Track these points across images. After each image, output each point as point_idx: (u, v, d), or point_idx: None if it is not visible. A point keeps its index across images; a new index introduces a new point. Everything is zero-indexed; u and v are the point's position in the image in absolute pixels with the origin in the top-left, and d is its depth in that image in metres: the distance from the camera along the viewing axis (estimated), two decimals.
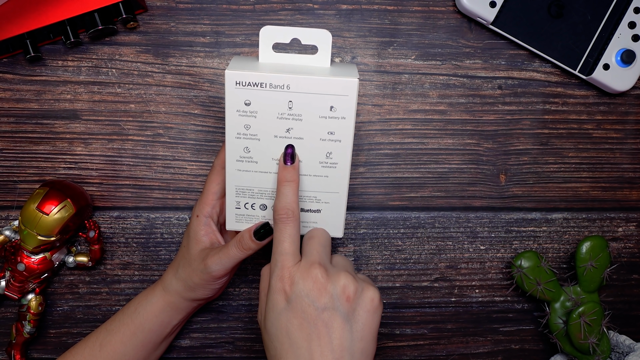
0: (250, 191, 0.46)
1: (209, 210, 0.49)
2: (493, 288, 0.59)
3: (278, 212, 0.42)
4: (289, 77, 0.42)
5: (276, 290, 0.40)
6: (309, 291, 0.39)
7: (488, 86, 0.57)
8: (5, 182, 0.55)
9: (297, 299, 0.39)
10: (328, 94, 0.42)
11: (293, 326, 0.39)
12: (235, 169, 0.45)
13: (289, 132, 0.43)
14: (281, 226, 0.42)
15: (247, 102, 0.43)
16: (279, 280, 0.40)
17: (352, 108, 0.43)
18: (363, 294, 0.41)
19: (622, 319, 0.61)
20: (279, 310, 0.40)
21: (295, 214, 0.42)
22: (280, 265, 0.41)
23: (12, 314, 0.57)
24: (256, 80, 0.42)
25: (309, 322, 0.39)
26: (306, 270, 0.40)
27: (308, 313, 0.39)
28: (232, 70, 0.42)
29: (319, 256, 0.42)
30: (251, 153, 0.44)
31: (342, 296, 0.40)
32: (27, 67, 0.54)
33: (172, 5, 0.54)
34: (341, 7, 0.55)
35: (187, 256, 0.49)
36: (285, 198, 0.42)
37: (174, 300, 0.51)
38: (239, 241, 0.46)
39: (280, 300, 0.40)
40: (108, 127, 0.55)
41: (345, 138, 0.44)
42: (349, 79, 0.42)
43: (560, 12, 0.54)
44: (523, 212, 0.58)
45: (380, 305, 0.41)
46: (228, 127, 0.44)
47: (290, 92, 0.42)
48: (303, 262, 0.41)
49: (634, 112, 0.58)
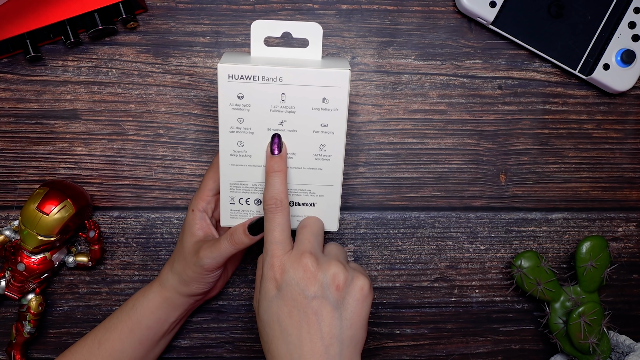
0: (244, 186, 0.46)
1: (204, 205, 0.49)
2: (493, 288, 0.59)
3: (267, 202, 0.43)
4: (282, 69, 0.42)
5: (267, 278, 0.41)
6: (299, 280, 0.40)
7: (488, 86, 0.57)
8: (5, 182, 0.55)
9: (287, 287, 0.40)
10: (320, 86, 0.42)
11: (283, 314, 0.40)
12: (229, 163, 0.45)
13: (282, 125, 0.44)
14: (270, 216, 0.43)
15: (240, 95, 0.43)
16: (270, 268, 0.41)
17: (344, 99, 0.43)
18: (353, 282, 0.41)
19: (622, 319, 0.61)
20: (270, 297, 0.41)
21: (283, 203, 0.43)
22: (270, 254, 0.42)
23: (12, 314, 0.57)
24: (249, 73, 0.42)
25: (299, 310, 0.40)
26: (297, 259, 0.41)
27: (298, 301, 0.40)
28: (224, 64, 0.42)
29: (310, 245, 0.42)
30: (245, 147, 0.44)
31: (331, 285, 0.40)
32: (27, 67, 0.54)
33: (172, 5, 0.54)
34: (341, 7, 0.55)
35: (182, 250, 0.50)
36: (273, 188, 0.43)
37: (170, 296, 0.51)
38: (231, 235, 0.46)
39: (272, 288, 0.41)
40: (108, 127, 0.55)
41: (338, 130, 0.44)
42: (340, 70, 0.42)
43: (560, 12, 0.54)
44: (523, 212, 0.58)
45: (370, 293, 0.42)
46: (221, 121, 0.44)
47: (282, 84, 0.42)
48: (294, 251, 0.42)
49: (634, 112, 0.58)
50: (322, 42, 0.49)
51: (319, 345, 0.39)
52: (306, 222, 0.45)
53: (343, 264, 0.42)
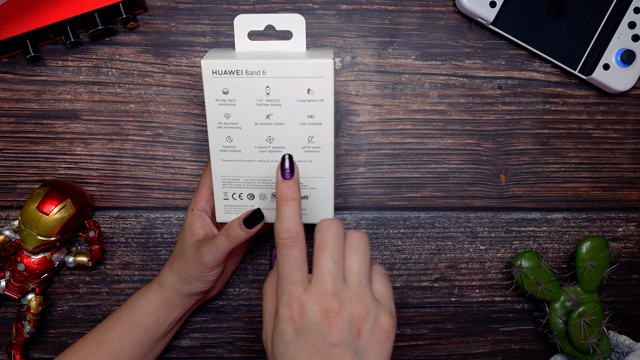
0: (236, 181, 0.46)
1: (203, 204, 0.49)
2: (493, 288, 0.59)
3: (280, 236, 0.39)
4: (264, 62, 0.42)
5: (285, 319, 0.38)
6: (319, 325, 0.37)
7: (488, 86, 0.57)
8: (5, 182, 0.55)
9: (306, 332, 0.37)
10: (304, 77, 0.42)
11: (302, 359, 0.38)
12: (220, 159, 0.45)
13: (269, 119, 0.44)
14: (285, 252, 0.39)
15: (225, 90, 0.43)
16: (287, 308, 0.38)
17: (329, 89, 0.43)
18: (375, 324, 0.39)
19: (622, 319, 0.61)
20: (287, 340, 0.38)
21: (299, 236, 0.39)
22: (287, 293, 0.38)
23: (12, 314, 0.57)
24: (232, 67, 0.42)
25: (318, 356, 0.37)
26: (318, 302, 0.38)
27: (318, 348, 0.37)
28: (208, 60, 0.42)
29: (332, 280, 0.38)
30: (234, 142, 0.44)
31: (353, 330, 0.38)
32: (27, 67, 0.54)
33: (172, 5, 0.54)
34: (341, 7, 0.55)
35: (182, 249, 0.50)
36: (288, 219, 0.39)
37: (170, 296, 0.51)
38: (227, 230, 0.46)
39: (289, 331, 0.38)
40: (108, 127, 0.55)
41: (325, 120, 0.44)
42: (323, 60, 0.42)
43: (560, 12, 0.54)
44: (523, 212, 0.58)
45: (393, 330, 0.39)
46: (209, 117, 0.44)
47: (266, 77, 0.42)
48: (313, 289, 0.38)
49: (634, 112, 0.58)
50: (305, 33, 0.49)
51: None
52: (324, 238, 0.39)
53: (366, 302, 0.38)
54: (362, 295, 0.39)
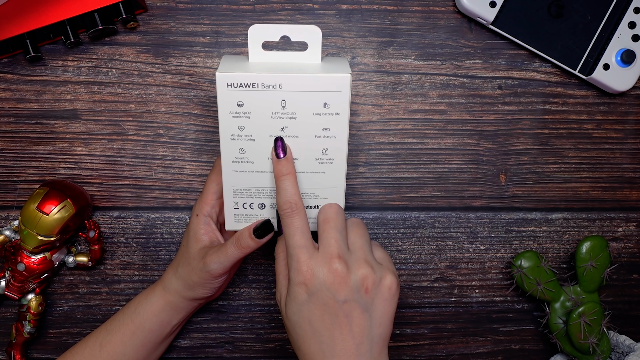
0: (247, 191, 0.46)
1: (209, 210, 0.49)
2: (493, 288, 0.59)
3: (282, 207, 0.42)
4: (281, 76, 0.41)
5: (297, 283, 0.42)
6: (329, 285, 0.41)
7: (488, 86, 0.57)
8: (5, 182, 0.55)
9: (318, 292, 0.41)
10: (321, 91, 0.42)
11: (315, 316, 0.41)
12: (232, 170, 0.45)
13: (284, 131, 0.43)
14: (288, 220, 0.42)
15: (239, 103, 0.42)
16: (297, 273, 0.41)
17: (345, 103, 0.42)
18: (381, 282, 0.42)
19: (622, 319, 0.61)
20: (300, 301, 0.42)
21: (298, 205, 0.42)
22: (296, 259, 0.42)
23: (12, 314, 0.57)
24: (248, 81, 0.41)
25: (330, 313, 0.41)
26: (326, 264, 0.41)
27: (329, 305, 0.41)
28: (223, 72, 0.41)
29: (337, 245, 0.42)
30: (247, 154, 0.44)
31: (361, 288, 0.41)
32: (27, 67, 0.54)
33: (172, 5, 0.54)
34: (341, 7, 0.55)
35: (187, 255, 0.49)
36: (286, 192, 0.43)
37: (174, 300, 0.51)
38: (237, 240, 0.46)
39: (301, 293, 0.41)
40: (108, 127, 0.55)
41: (340, 134, 0.43)
42: (341, 74, 0.42)
43: (560, 12, 0.54)
44: (523, 212, 0.58)
45: (397, 290, 0.43)
46: (222, 129, 0.43)
47: (282, 91, 0.42)
48: (321, 254, 0.42)
49: (634, 112, 0.58)
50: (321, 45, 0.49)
51: (351, 344, 0.41)
52: (327, 214, 0.44)
53: (370, 263, 0.42)
54: (366, 258, 0.42)
